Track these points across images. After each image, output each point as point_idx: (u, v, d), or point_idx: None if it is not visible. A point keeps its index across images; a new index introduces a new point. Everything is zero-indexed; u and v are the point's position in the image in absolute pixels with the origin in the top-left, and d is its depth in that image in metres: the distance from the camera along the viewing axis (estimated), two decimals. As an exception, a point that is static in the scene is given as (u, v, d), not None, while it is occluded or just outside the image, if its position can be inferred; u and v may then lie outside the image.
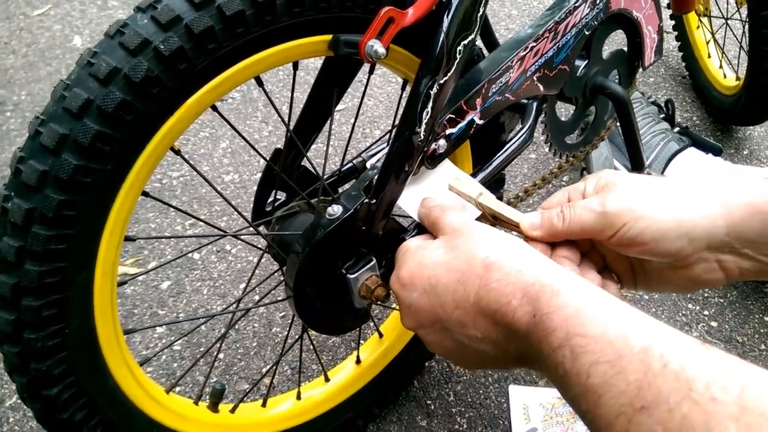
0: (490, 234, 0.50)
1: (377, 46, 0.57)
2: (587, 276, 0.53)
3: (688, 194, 0.50)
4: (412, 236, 0.63)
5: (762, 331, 1.09)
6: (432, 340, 0.52)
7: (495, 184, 0.85)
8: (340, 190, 0.83)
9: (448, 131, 0.67)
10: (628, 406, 0.35)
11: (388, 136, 0.83)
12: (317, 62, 0.68)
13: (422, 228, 0.61)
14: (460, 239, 0.50)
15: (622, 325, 0.39)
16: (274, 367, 0.95)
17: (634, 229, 0.49)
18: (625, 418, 0.35)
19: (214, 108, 0.59)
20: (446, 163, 0.69)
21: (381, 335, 0.91)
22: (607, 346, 0.38)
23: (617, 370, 0.36)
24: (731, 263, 0.50)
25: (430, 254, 0.51)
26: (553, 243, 0.55)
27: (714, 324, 1.10)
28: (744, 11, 1.35)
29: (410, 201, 0.65)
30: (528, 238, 0.55)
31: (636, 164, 0.96)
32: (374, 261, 0.65)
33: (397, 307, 0.92)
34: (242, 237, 0.92)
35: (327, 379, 0.86)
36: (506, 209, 0.58)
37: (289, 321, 1.07)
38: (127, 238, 0.59)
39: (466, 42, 0.62)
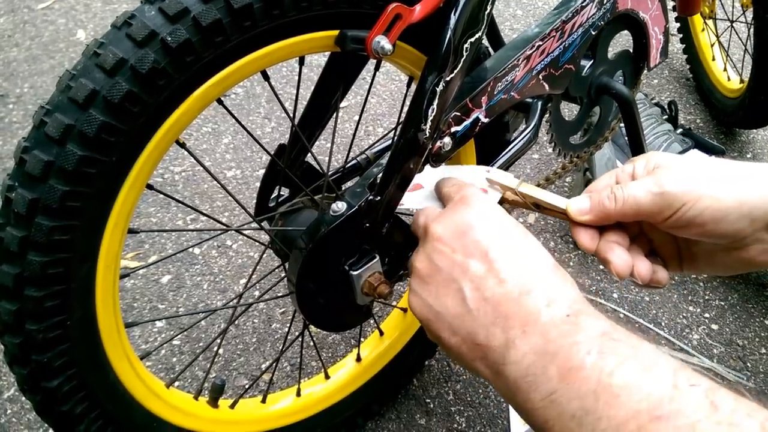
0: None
1: (384, 43, 0.57)
2: (638, 262, 0.52)
3: (746, 174, 0.49)
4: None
5: (763, 334, 1.09)
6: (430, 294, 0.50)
7: (498, 183, 0.84)
8: (344, 186, 0.83)
9: (454, 129, 0.66)
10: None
11: (393, 133, 0.83)
12: (320, 59, 0.67)
13: None
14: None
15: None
16: (274, 364, 0.95)
17: (694, 209, 0.47)
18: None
19: (220, 101, 0.59)
20: (445, 165, 0.69)
21: (382, 333, 0.91)
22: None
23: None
24: None
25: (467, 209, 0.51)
26: (601, 228, 0.53)
27: (715, 327, 1.10)
28: (749, 14, 1.35)
29: (415, 199, 0.65)
30: (575, 224, 0.53)
31: (640, 166, 0.96)
32: (377, 258, 0.65)
33: (398, 306, 0.92)
34: (245, 232, 0.92)
35: (327, 377, 0.86)
36: (549, 196, 0.56)
37: (289, 317, 1.06)
38: (131, 231, 0.59)
39: (473, 40, 0.61)
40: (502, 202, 0.62)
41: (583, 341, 0.41)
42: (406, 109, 0.63)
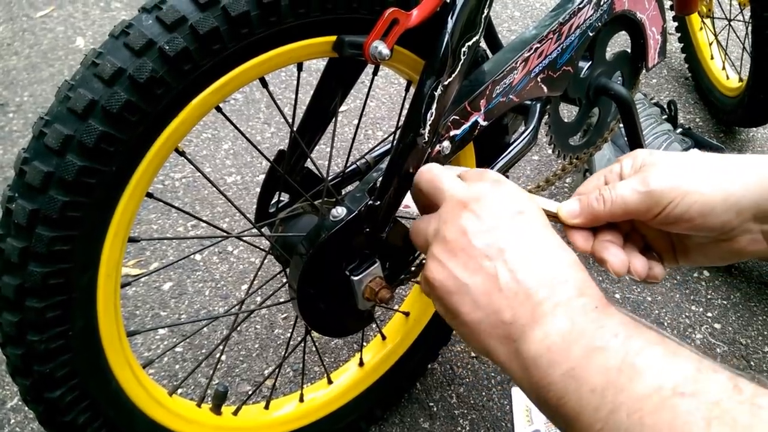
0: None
1: (381, 48, 0.57)
2: (633, 259, 0.52)
3: (730, 166, 0.49)
4: None
5: (766, 333, 1.08)
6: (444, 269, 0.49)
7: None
8: (344, 191, 0.83)
9: (453, 132, 0.67)
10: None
11: (392, 137, 0.83)
12: (319, 64, 0.68)
13: None
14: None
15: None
16: (277, 370, 0.95)
17: (681, 205, 0.48)
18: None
19: (219, 109, 0.59)
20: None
21: (384, 337, 0.91)
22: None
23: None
24: None
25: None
26: (594, 228, 0.54)
27: (717, 326, 1.10)
28: (747, 12, 1.35)
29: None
30: (568, 227, 0.54)
31: (639, 166, 0.96)
32: (378, 263, 0.65)
33: (400, 310, 0.92)
34: (246, 238, 0.92)
35: (330, 382, 0.86)
36: (543, 201, 0.56)
37: (291, 323, 1.06)
38: (131, 239, 0.59)
39: (470, 43, 0.61)
40: None
41: (609, 326, 0.41)
42: (404, 112, 0.63)
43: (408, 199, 0.65)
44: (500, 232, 0.48)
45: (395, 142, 0.63)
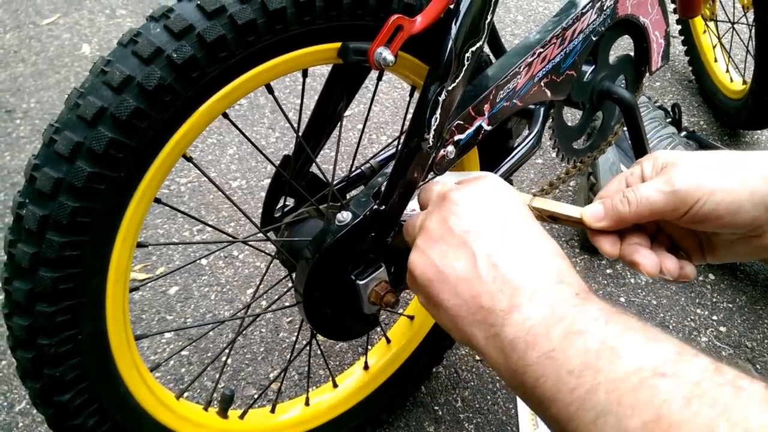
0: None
1: (386, 54, 0.58)
2: (664, 259, 0.52)
3: (755, 163, 0.49)
4: None
5: (771, 336, 1.08)
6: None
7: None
8: (349, 196, 0.83)
9: (457, 137, 0.67)
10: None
11: (396, 141, 0.83)
12: (324, 69, 0.68)
13: None
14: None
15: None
16: (283, 373, 0.95)
17: (709, 204, 0.48)
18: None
19: (225, 115, 0.60)
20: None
21: (389, 341, 0.91)
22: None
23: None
24: None
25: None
26: (619, 233, 0.53)
27: (723, 329, 1.10)
28: (750, 15, 1.35)
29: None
30: (593, 232, 0.54)
31: (643, 169, 0.96)
32: (383, 267, 0.66)
33: (404, 313, 0.92)
34: (251, 243, 0.92)
35: (335, 385, 0.87)
36: (564, 207, 0.56)
37: (297, 326, 1.07)
38: (139, 245, 0.60)
39: (474, 49, 0.62)
40: None
41: (589, 311, 0.41)
42: (409, 117, 0.64)
43: (413, 204, 0.66)
44: (480, 220, 0.48)
45: (400, 146, 0.64)
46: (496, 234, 0.47)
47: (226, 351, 1.02)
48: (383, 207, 0.63)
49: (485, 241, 0.47)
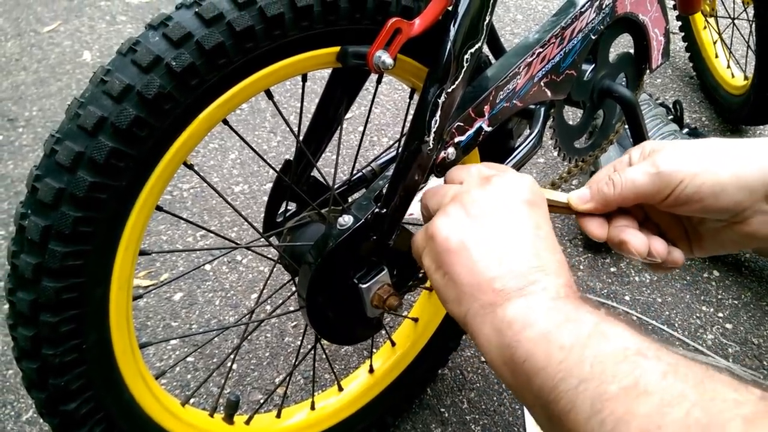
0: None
1: (385, 57, 0.58)
2: (652, 241, 0.53)
3: (739, 147, 0.50)
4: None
5: (778, 332, 1.08)
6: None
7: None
8: (351, 199, 0.83)
9: (457, 139, 0.67)
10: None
11: (397, 144, 0.83)
12: (324, 72, 0.68)
13: None
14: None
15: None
16: (288, 378, 0.95)
17: (692, 185, 0.49)
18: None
19: (225, 121, 0.60)
20: None
21: (393, 344, 0.91)
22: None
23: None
24: None
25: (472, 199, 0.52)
26: (608, 215, 0.55)
27: (729, 326, 1.09)
28: (750, 11, 1.34)
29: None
30: (580, 215, 0.55)
31: (646, 167, 0.96)
32: (386, 270, 0.66)
33: (409, 316, 0.92)
34: (254, 248, 0.92)
35: (340, 389, 0.86)
36: (553, 193, 0.58)
37: (301, 331, 1.07)
38: (142, 252, 0.60)
39: (473, 50, 0.62)
40: None
41: (587, 308, 0.43)
42: (409, 120, 0.64)
43: (413, 206, 0.66)
44: (519, 212, 0.50)
45: (400, 149, 0.63)
46: (531, 229, 0.49)
47: (232, 356, 1.03)
48: (384, 210, 0.63)
49: (517, 232, 0.49)
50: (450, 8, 0.60)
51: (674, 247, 0.55)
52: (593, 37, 0.78)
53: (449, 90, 0.61)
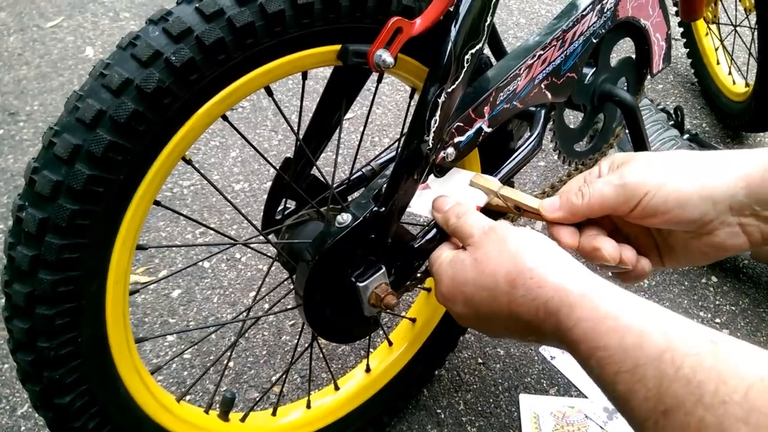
0: (510, 243, 0.52)
1: (385, 56, 0.58)
2: (623, 250, 0.55)
3: (705, 160, 0.51)
4: (430, 241, 0.66)
5: (775, 339, 1.08)
6: (477, 327, 0.57)
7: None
8: (350, 198, 0.83)
9: (457, 139, 0.67)
10: (653, 411, 0.38)
11: (396, 144, 0.83)
12: (325, 71, 0.68)
13: (437, 231, 0.64)
14: (481, 252, 0.53)
15: (637, 333, 0.41)
16: (284, 376, 0.95)
17: (658, 197, 0.50)
18: (652, 422, 0.38)
19: (225, 118, 0.60)
20: (454, 170, 0.69)
21: (390, 343, 0.91)
22: (625, 356, 0.40)
23: (637, 378, 0.39)
24: (753, 227, 0.51)
25: (461, 271, 0.54)
26: (579, 225, 0.56)
27: (726, 332, 1.09)
28: (753, 18, 1.34)
29: (421, 206, 0.66)
30: (551, 223, 0.57)
31: (645, 171, 0.96)
32: (384, 269, 0.66)
33: (406, 316, 0.92)
34: (252, 246, 0.92)
35: (337, 388, 0.86)
36: (527, 198, 0.60)
37: (299, 329, 1.07)
38: (139, 247, 0.60)
39: (473, 51, 0.62)
40: (488, 207, 0.65)
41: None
42: (409, 119, 0.64)
43: (412, 205, 0.66)
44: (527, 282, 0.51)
45: (399, 149, 0.63)
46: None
47: (228, 354, 1.02)
48: (383, 209, 0.63)
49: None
50: (451, 8, 0.60)
51: (642, 257, 0.56)
52: (594, 41, 0.78)
53: (449, 90, 0.61)
